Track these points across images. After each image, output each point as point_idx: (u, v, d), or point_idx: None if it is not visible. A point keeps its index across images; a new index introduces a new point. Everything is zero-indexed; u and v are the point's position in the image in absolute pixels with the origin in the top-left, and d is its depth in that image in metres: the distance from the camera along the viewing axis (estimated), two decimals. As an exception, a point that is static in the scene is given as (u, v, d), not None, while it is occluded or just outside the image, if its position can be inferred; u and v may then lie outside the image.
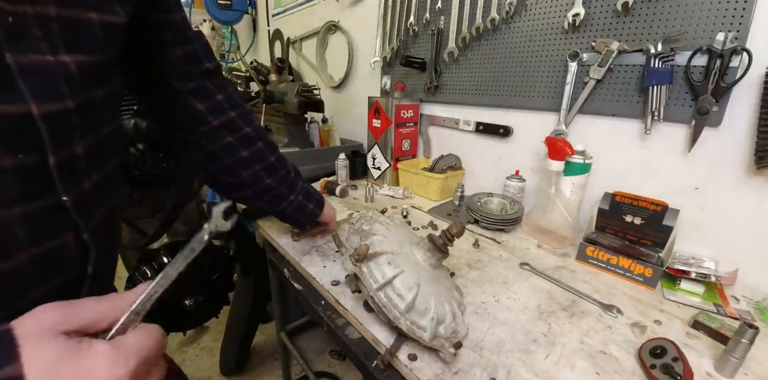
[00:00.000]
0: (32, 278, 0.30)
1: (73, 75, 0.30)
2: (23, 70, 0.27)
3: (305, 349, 1.34)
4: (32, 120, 0.27)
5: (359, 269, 0.46)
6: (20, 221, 0.28)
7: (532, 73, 0.92)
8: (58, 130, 0.29)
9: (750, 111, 0.64)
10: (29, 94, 0.27)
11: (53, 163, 0.29)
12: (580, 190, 0.82)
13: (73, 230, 0.32)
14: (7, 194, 0.27)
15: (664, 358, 0.46)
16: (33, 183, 0.29)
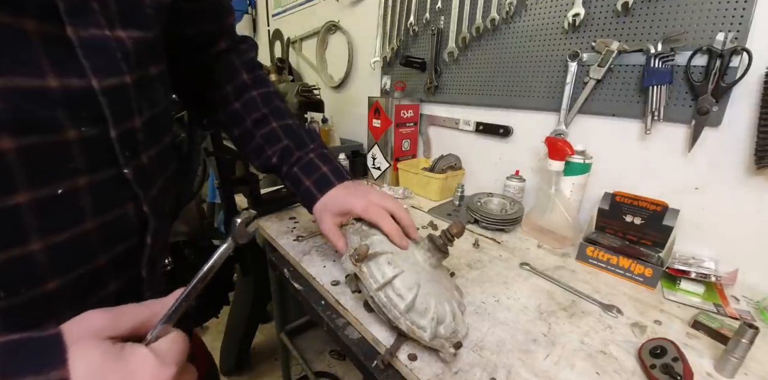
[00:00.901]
0: (98, 245, 0.31)
1: (129, 50, 0.31)
2: (84, 44, 0.27)
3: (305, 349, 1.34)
4: (94, 94, 0.28)
5: (359, 269, 0.46)
6: (86, 191, 0.29)
7: (532, 73, 0.92)
8: (117, 104, 0.30)
9: (750, 111, 0.64)
10: (90, 68, 0.28)
11: (115, 136, 0.30)
12: (580, 190, 0.82)
13: (133, 201, 0.34)
14: (73, 166, 0.28)
15: (664, 358, 0.46)
16: (97, 155, 0.30)
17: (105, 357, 0.23)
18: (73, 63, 0.27)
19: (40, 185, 0.27)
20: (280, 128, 0.59)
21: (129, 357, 0.24)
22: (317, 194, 0.57)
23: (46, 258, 0.28)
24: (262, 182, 1.15)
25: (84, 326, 0.24)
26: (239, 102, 0.57)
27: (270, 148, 0.58)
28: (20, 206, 0.26)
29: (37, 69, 0.25)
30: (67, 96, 0.27)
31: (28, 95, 0.25)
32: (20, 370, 0.20)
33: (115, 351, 0.24)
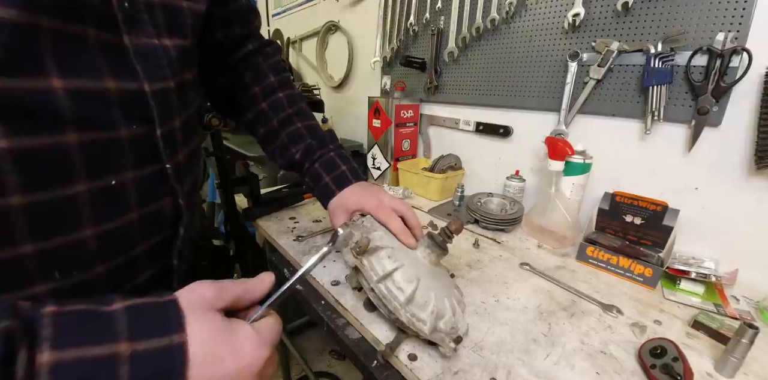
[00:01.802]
0: (139, 234, 0.34)
1: (173, 57, 0.34)
2: (137, 51, 0.31)
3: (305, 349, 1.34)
4: (145, 96, 0.32)
5: (359, 261, 0.46)
6: (133, 184, 0.32)
7: (532, 73, 0.92)
8: (162, 106, 0.33)
9: (750, 111, 0.64)
10: (142, 72, 0.31)
11: (160, 134, 0.34)
12: (580, 190, 0.82)
13: (171, 195, 0.37)
14: (124, 160, 0.31)
15: (664, 358, 0.46)
16: (144, 152, 0.33)
17: (216, 326, 0.26)
18: (128, 68, 0.30)
19: (96, 177, 0.29)
20: (305, 128, 0.62)
21: (236, 331, 0.27)
22: (335, 189, 0.59)
23: (96, 245, 0.31)
24: (262, 182, 1.15)
25: (197, 296, 0.27)
26: (266, 102, 0.61)
27: (294, 146, 0.61)
28: (79, 195, 0.29)
29: (97, 72, 0.28)
30: (123, 97, 0.30)
31: (90, 96, 0.28)
32: (145, 333, 0.23)
33: (226, 323, 0.26)
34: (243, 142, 1.47)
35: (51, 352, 0.20)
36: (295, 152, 0.61)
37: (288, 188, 1.04)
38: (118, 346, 0.21)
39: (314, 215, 0.92)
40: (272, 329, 0.30)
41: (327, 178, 0.60)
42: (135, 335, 0.22)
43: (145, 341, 0.22)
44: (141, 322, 0.23)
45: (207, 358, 0.24)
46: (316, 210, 0.96)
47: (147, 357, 0.22)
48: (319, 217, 0.91)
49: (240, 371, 0.26)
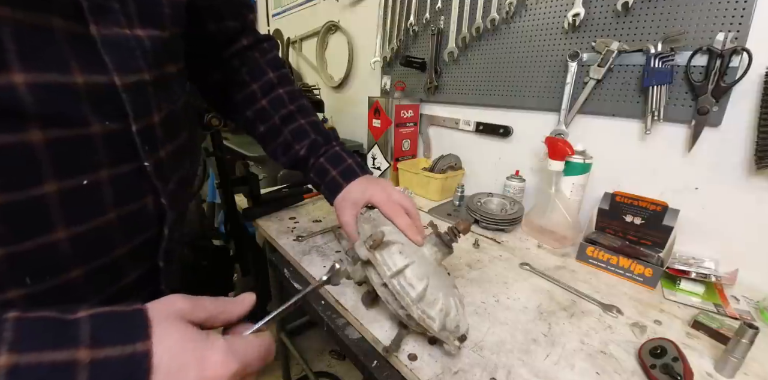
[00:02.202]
0: (119, 235, 0.33)
1: (147, 48, 0.32)
2: (106, 42, 0.29)
3: (305, 349, 1.34)
4: (116, 90, 0.30)
5: (373, 255, 0.46)
6: (108, 183, 0.30)
7: (532, 73, 0.92)
8: (138, 100, 0.32)
9: (750, 111, 0.64)
10: (112, 65, 0.29)
11: (136, 130, 0.32)
12: (580, 190, 0.82)
13: (152, 194, 0.35)
14: (97, 158, 0.29)
15: (664, 358, 0.46)
16: (119, 149, 0.31)
17: (185, 336, 0.25)
18: (96, 60, 0.28)
19: (66, 177, 0.28)
20: (308, 124, 0.60)
21: (205, 342, 0.25)
22: (343, 182, 0.58)
23: (69, 247, 0.29)
24: (262, 182, 1.15)
25: (168, 306, 0.26)
26: (266, 100, 0.59)
27: (298, 143, 0.59)
28: (47, 196, 0.27)
29: (64, 65, 0.27)
30: (92, 91, 0.28)
31: (56, 90, 0.26)
32: (109, 340, 0.22)
33: (196, 334, 0.25)
34: (243, 142, 1.47)
35: (9, 355, 0.19)
36: (300, 148, 0.59)
37: (288, 188, 1.04)
38: (78, 353, 0.21)
39: (314, 215, 0.92)
40: (250, 345, 0.28)
41: (334, 171, 0.59)
42: (97, 342, 0.22)
43: (107, 348, 0.22)
44: (105, 330, 0.22)
45: (172, 368, 0.23)
46: (316, 210, 0.96)
47: (108, 365, 0.21)
48: (319, 217, 0.91)
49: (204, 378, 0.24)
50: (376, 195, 0.55)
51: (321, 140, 0.60)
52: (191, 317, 0.26)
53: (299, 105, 0.61)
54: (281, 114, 0.59)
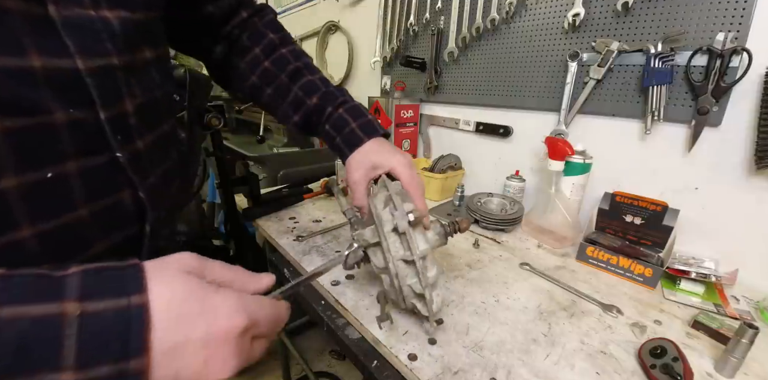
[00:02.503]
0: (93, 232, 0.31)
1: (116, 32, 0.30)
2: (67, 23, 0.27)
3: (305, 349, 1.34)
4: (79, 75, 0.28)
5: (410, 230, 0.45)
6: (77, 176, 0.28)
7: (532, 73, 0.92)
8: (105, 86, 0.29)
9: (750, 111, 0.64)
10: (74, 48, 0.27)
11: (104, 118, 0.29)
12: (580, 190, 0.82)
13: (129, 188, 0.33)
14: (62, 149, 0.27)
15: (664, 358, 0.46)
16: (87, 139, 0.29)
17: (191, 286, 0.24)
18: (56, 43, 0.26)
19: (27, 170, 0.26)
20: (318, 79, 0.57)
21: (213, 293, 0.24)
22: (363, 137, 0.54)
23: (37, 245, 0.27)
24: (262, 182, 1.15)
25: (173, 261, 0.25)
26: (269, 60, 0.56)
27: (310, 97, 0.55)
28: (7, 191, 0.25)
29: (20, 48, 0.25)
30: (51, 76, 0.26)
31: (11, 75, 0.24)
32: (99, 294, 0.21)
33: (202, 284, 0.24)
34: (243, 142, 1.47)
35: None
36: (313, 100, 0.55)
37: (288, 188, 1.04)
38: (65, 306, 0.19)
39: (314, 215, 0.92)
40: (262, 304, 0.27)
41: (354, 123, 0.54)
42: (87, 296, 0.20)
43: (98, 301, 0.20)
44: (96, 283, 0.21)
45: (175, 320, 0.22)
46: (316, 210, 0.96)
47: (100, 319, 0.20)
48: (319, 217, 0.91)
49: (212, 334, 0.23)
50: (399, 168, 0.52)
51: (336, 92, 0.56)
52: (199, 274, 0.25)
53: (305, 63, 0.57)
54: (288, 71, 0.55)
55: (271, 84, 0.56)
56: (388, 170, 0.52)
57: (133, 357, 0.20)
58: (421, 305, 0.48)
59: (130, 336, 0.20)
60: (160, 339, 0.21)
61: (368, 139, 0.54)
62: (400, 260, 0.47)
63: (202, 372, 0.23)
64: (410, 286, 0.47)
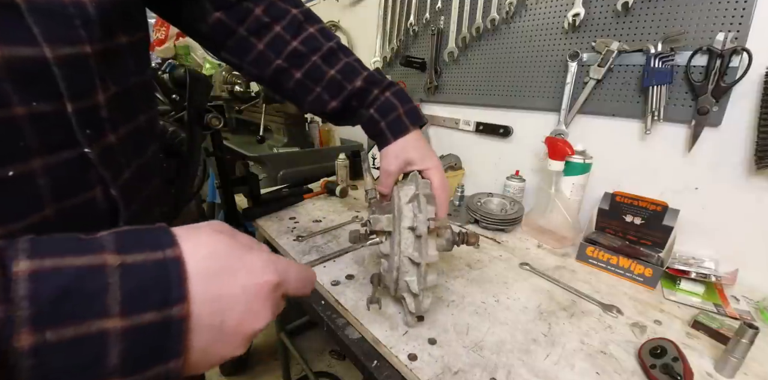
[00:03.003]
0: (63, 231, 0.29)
1: (91, 17, 0.28)
2: (33, 8, 0.25)
3: (305, 349, 1.34)
4: (46, 64, 0.26)
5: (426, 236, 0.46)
6: (42, 174, 0.26)
7: (532, 73, 0.92)
8: (75, 76, 0.27)
9: (750, 111, 0.64)
10: (41, 36, 0.25)
11: (72, 111, 0.27)
12: (580, 190, 0.82)
13: (100, 185, 0.31)
14: (24, 145, 0.25)
15: (664, 358, 0.46)
16: (53, 134, 0.27)
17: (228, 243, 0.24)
18: (21, 30, 0.24)
19: None
20: (355, 61, 0.53)
21: (249, 250, 0.25)
22: (409, 125, 0.53)
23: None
24: (262, 182, 1.15)
25: (208, 224, 0.25)
26: (298, 40, 0.49)
27: (350, 81, 0.51)
28: None
29: None
30: (14, 67, 0.24)
31: None
32: (135, 248, 0.21)
33: (237, 243, 0.25)
34: (243, 142, 1.47)
35: (29, 261, 0.18)
36: (356, 82, 0.51)
37: (288, 188, 1.04)
38: (105, 257, 0.20)
39: (314, 215, 0.92)
40: (292, 265, 0.28)
41: (402, 109, 0.52)
42: (123, 249, 0.20)
43: (135, 254, 0.20)
44: (129, 240, 0.21)
45: (215, 274, 0.23)
46: (316, 210, 0.96)
47: (139, 269, 0.20)
48: (319, 217, 0.91)
49: (250, 288, 0.24)
50: (433, 171, 0.52)
51: (377, 75, 0.52)
52: (230, 236, 0.26)
53: (338, 43, 0.52)
54: (321, 53, 0.50)
55: (300, 67, 0.50)
56: (422, 169, 0.52)
57: (175, 303, 0.21)
58: (410, 300, 0.50)
59: (170, 284, 0.21)
60: (203, 291, 0.22)
61: (413, 128, 0.53)
62: (407, 258, 0.47)
63: (241, 322, 0.24)
64: (407, 282, 0.48)
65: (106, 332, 0.18)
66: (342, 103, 0.52)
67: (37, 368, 0.17)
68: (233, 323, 0.23)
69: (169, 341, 0.20)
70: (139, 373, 0.20)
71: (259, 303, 0.24)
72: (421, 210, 0.45)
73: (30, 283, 0.17)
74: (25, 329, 0.17)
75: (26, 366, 0.17)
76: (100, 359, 0.18)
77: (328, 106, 0.52)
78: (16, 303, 0.17)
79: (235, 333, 0.24)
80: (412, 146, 0.52)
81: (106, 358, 0.19)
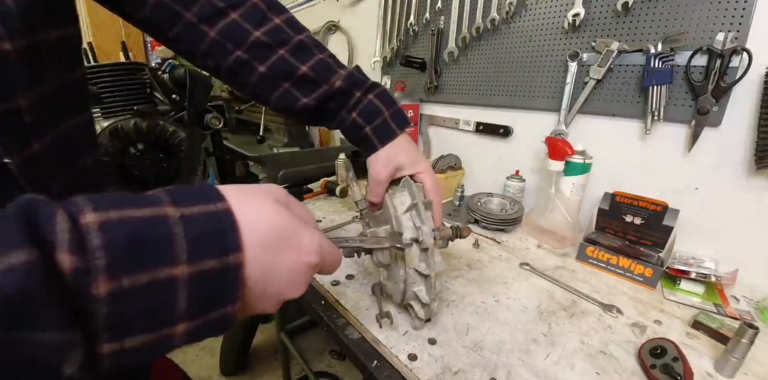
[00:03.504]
0: None
1: (11, 11, 0.25)
2: None
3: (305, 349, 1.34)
4: None
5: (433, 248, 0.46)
6: None
7: (532, 73, 0.92)
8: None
9: (750, 111, 0.64)
10: None
11: None
12: (580, 190, 0.82)
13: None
14: None
15: (664, 358, 0.46)
16: None
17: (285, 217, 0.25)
18: None
19: None
20: (330, 58, 0.48)
21: (303, 226, 0.26)
22: (396, 129, 0.50)
23: None
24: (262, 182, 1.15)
25: (269, 190, 0.26)
26: (261, 30, 0.44)
27: (326, 79, 0.46)
28: None
29: None
30: None
31: None
32: (189, 201, 0.21)
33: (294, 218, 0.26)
34: (243, 142, 1.47)
35: (95, 213, 0.18)
36: (334, 81, 0.46)
37: (288, 188, 1.04)
38: (166, 209, 0.20)
39: (314, 215, 0.92)
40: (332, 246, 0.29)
41: (387, 113, 0.49)
42: (179, 202, 0.21)
43: (191, 207, 0.21)
44: (181, 196, 0.22)
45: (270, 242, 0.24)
46: (316, 210, 0.96)
47: (198, 220, 0.21)
48: (319, 217, 0.91)
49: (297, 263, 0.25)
50: (425, 174, 0.50)
51: (357, 74, 0.48)
52: (286, 206, 0.26)
53: (309, 37, 0.47)
54: (290, 47, 0.45)
55: (265, 60, 0.45)
56: (413, 174, 0.51)
57: (232, 252, 0.21)
58: (418, 307, 0.49)
59: (225, 234, 0.22)
60: (259, 257, 0.23)
61: (400, 132, 0.50)
62: (413, 269, 0.47)
63: (281, 290, 0.25)
64: (415, 292, 0.48)
65: (176, 278, 0.19)
66: (316, 101, 0.47)
67: (114, 314, 0.18)
68: (275, 289, 0.25)
69: (227, 287, 0.21)
70: (203, 316, 0.21)
71: (300, 277, 0.26)
72: (423, 221, 0.45)
73: (102, 232, 0.18)
74: (102, 277, 0.17)
75: (104, 313, 0.17)
76: (170, 304, 0.19)
77: (299, 103, 0.47)
78: (91, 252, 0.17)
79: (273, 297, 0.25)
80: (400, 151, 0.50)
81: (175, 303, 0.19)
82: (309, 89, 0.47)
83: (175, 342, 0.20)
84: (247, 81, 0.47)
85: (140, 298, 0.18)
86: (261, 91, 0.48)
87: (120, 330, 0.18)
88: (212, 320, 0.21)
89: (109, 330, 0.18)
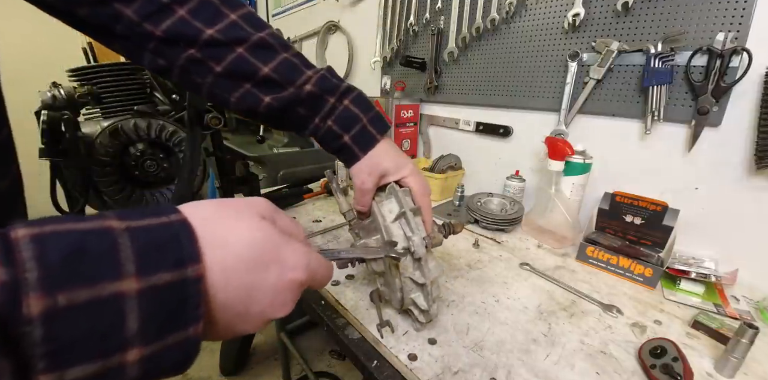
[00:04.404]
0: None
1: None
2: None
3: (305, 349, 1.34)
4: None
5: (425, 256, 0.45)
6: None
7: (532, 73, 0.92)
8: None
9: (750, 111, 0.64)
10: None
11: None
12: (580, 190, 0.82)
13: None
14: None
15: (664, 358, 0.46)
16: None
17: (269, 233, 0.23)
18: None
19: None
20: (295, 57, 0.44)
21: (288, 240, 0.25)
22: (376, 135, 0.47)
23: None
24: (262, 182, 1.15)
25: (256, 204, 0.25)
26: (214, 28, 0.40)
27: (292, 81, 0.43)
28: None
29: None
30: None
31: None
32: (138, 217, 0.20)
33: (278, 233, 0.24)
34: (243, 142, 1.47)
35: (27, 228, 0.16)
36: (302, 84, 0.43)
37: (288, 188, 1.04)
38: (109, 222, 0.18)
39: (314, 215, 0.92)
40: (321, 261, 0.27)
41: (365, 119, 0.46)
42: (126, 218, 0.19)
43: (138, 221, 0.19)
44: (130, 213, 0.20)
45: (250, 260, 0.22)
46: (316, 210, 0.96)
47: (147, 231, 0.19)
48: (319, 217, 0.91)
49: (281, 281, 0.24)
50: (411, 178, 0.48)
51: (328, 75, 0.45)
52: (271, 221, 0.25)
53: (271, 34, 0.43)
54: (249, 45, 0.41)
55: (221, 60, 0.41)
56: (399, 179, 0.49)
57: (190, 263, 0.19)
58: (417, 312, 0.50)
59: (181, 244, 0.20)
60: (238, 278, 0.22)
61: (381, 137, 0.48)
62: (408, 278, 0.47)
63: (265, 310, 0.24)
64: (413, 299, 0.48)
65: (123, 294, 0.17)
66: (282, 103, 0.44)
67: (50, 338, 0.15)
68: (258, 309, 0.23)
69: (187, 304, 0.19)
70: (160, 340, 0.18)
71: (285, 296, 0.25)
72: (413, 230, 0.44)
73: (34, 244, 0.16)
74: (34, 293, 0.15)
75: (37, 337, 0.15)
76: (118, 324, 0.17)
77: (262, 103, 0.43)
78: (21, 264, 0.15)
79: (257, 316, 0.24)
80: (383, 157, 0.48)
81: (124, 324, 0.17)
82: (272, 91, 0.43)
83: (127, 373, 0.17)
84: (203, 81, 0.42)
85: (81, 318, 0.16)
86: (219, 92, 0.43)
87: (58, 357, 0.15)
88: (172, 345, 0.19)
89: (45, 357, 0.15)
